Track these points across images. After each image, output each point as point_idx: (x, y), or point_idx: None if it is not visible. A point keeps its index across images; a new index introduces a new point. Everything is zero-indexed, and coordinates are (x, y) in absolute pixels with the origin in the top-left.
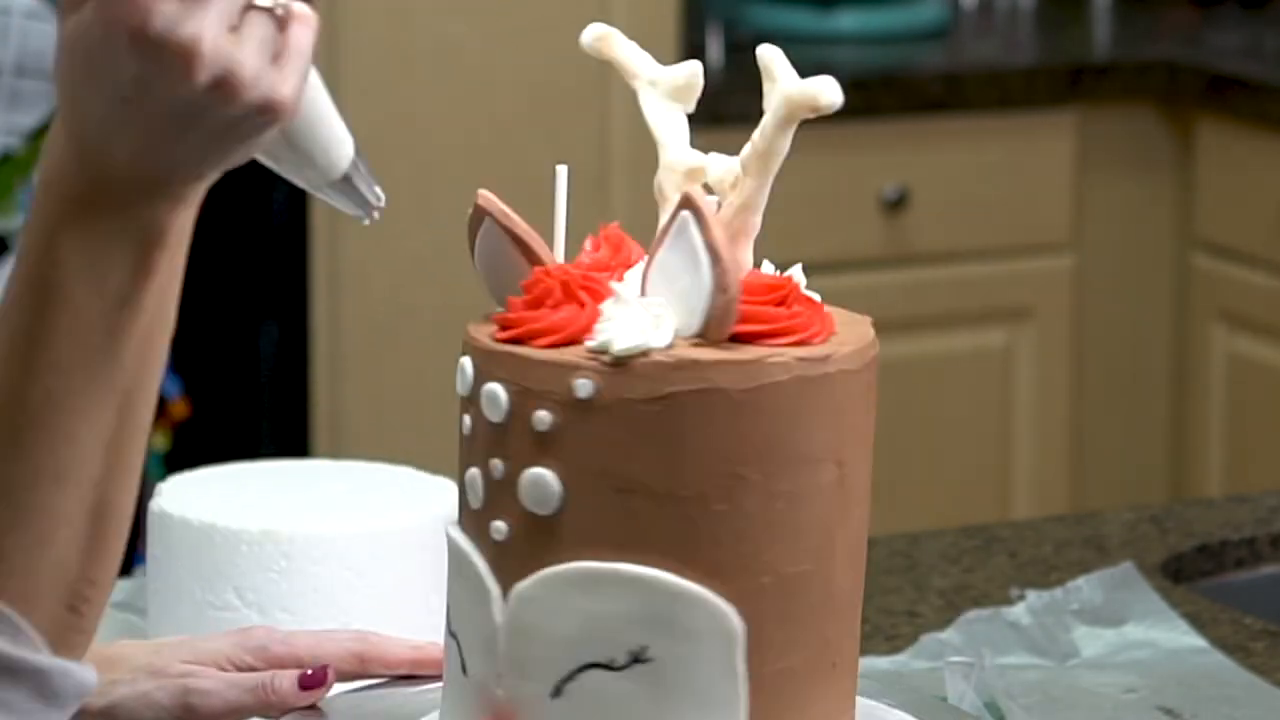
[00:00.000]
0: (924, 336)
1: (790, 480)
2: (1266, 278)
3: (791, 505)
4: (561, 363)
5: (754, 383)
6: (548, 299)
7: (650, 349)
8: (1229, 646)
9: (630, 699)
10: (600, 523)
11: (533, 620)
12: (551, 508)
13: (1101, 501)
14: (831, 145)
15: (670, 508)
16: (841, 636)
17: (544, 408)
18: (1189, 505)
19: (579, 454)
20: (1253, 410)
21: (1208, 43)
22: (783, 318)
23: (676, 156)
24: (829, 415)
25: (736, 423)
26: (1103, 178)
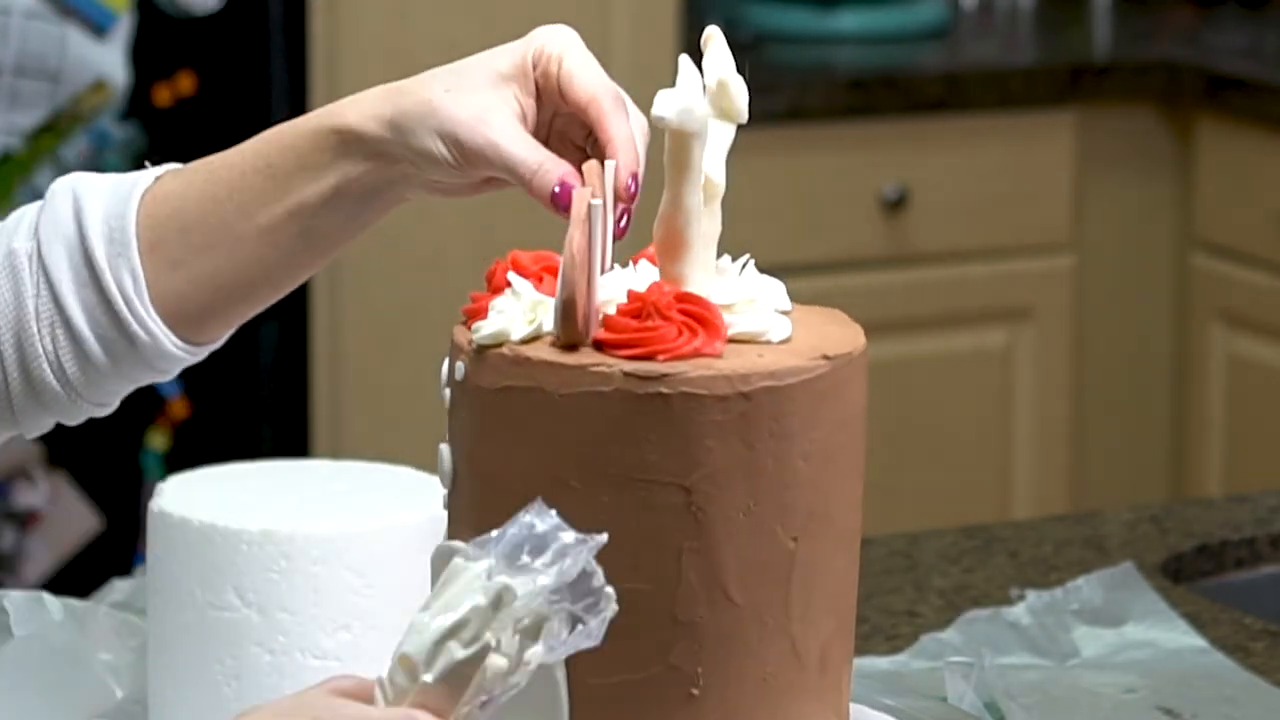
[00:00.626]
0: (924, 336)
1: (614, 495)
2: (1266, 278)
3: (619, 520)
4: (457, 344)
5: (575, 389)
6: (491, 281)
7: (506, 340)
8: (1229, 646)
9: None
10: (467, 504)
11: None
12: (448, 484)
13: (1101, 501)
14: (831, 145)
15: (505, 499)
16: (702, 666)
17: (449, 385)
18: (1189, 505)
19: (457, 434)
20: (1253, 410)
21: (1208, 43)
22: (632, 329)
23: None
24: (667, 438)
25: (558, 426)
26: (1103, 178)
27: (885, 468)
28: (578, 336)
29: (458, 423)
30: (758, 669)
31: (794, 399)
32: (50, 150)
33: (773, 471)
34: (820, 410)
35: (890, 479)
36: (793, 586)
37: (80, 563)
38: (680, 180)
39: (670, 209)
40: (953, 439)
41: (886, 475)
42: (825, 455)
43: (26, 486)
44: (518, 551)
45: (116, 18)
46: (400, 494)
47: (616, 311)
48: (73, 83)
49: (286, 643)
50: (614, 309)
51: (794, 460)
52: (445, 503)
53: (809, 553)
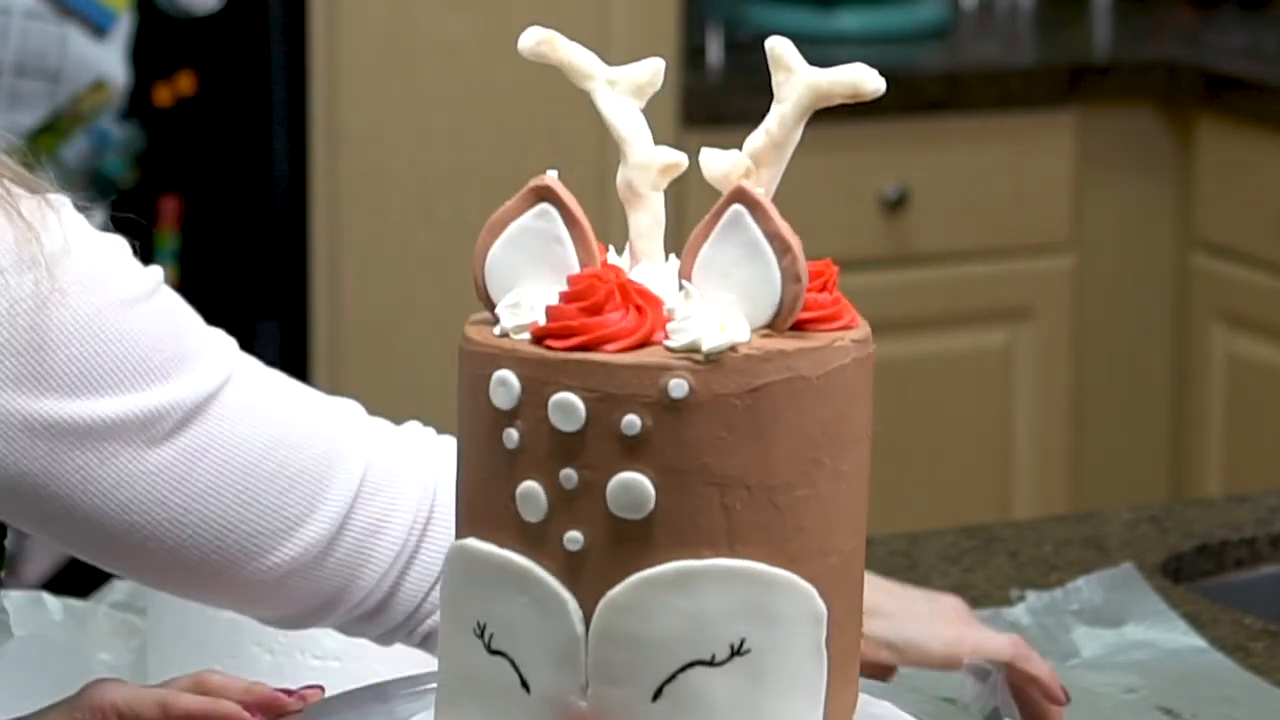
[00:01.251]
0: (924, 336)
1: (848, 460)
2: (1266, 278)
3: (849, 485)
4: (649, 365)
5: (827, 368)
6: (609, 302)
7: (736, 344)
8: (1229, 646)
9: (729, 692)
10: (694, 521)
11: (628, 626)
12: (644, 511)
13: (1101, 501)
14: (831, 145)
15: (760, 498)
16: (864, 611)
17: (632, 412)
18: (1189, 505)
19: (671, 454)
20: (1253, 410)
21: (1207, 43)
22: (829, 304)
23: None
24: (870, 395)
25: (814, 408)
26: (1103, 178)
27: (885, 468)
28: (790, 322)
29: (665, 445)
30: None
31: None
32: (50, 150)
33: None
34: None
35: (890, 479)
36: (870, 546)
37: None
38: (782, 161)
39: (772, 189)
40: (953, 439)
41: (886, 475)
42: None
43: None
44: None
45: (116, 17)
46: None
47: None
48: (73, 82)
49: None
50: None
51: None
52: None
53: (870, 514)
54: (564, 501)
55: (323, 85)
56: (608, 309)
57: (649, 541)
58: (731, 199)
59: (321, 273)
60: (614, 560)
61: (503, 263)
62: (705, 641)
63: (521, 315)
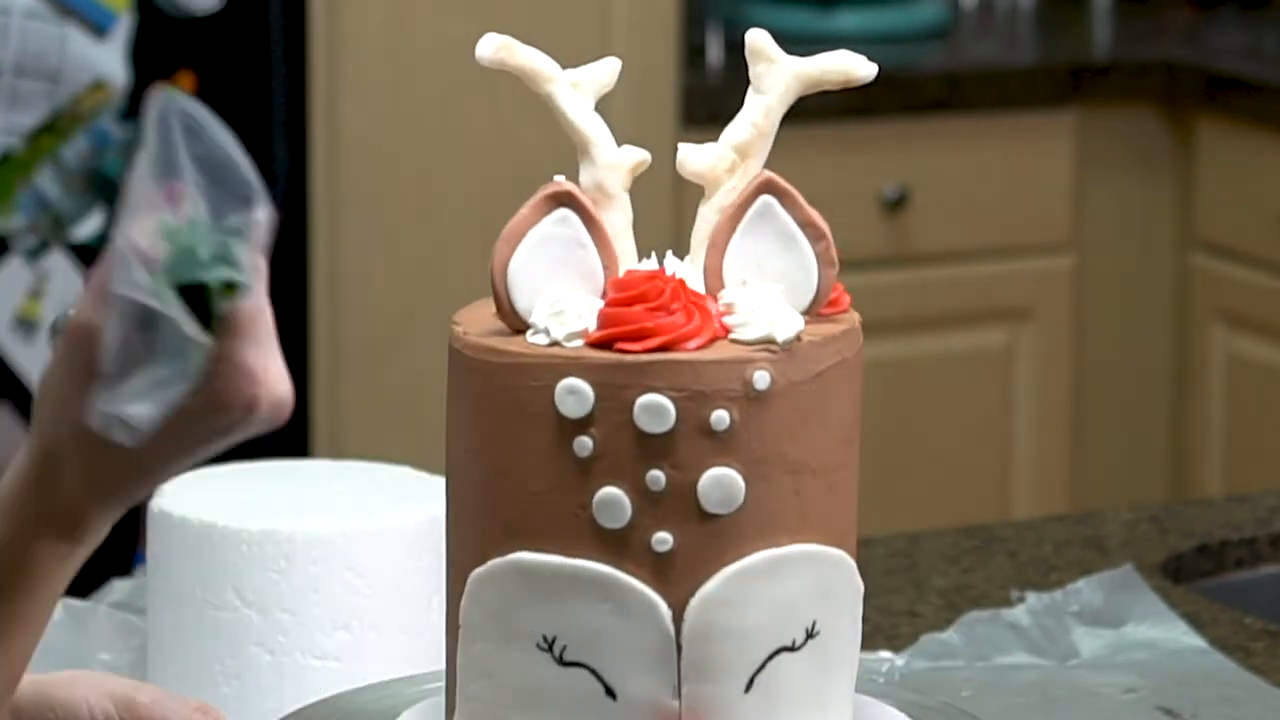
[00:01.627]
0: (924, 336)
1: (860, 440)
2: (1266, 278)
3: (858, 463)
4: (734, 359)
5: (858, 348)
6: (675, 301)
7: (800, 333)
8: (1229, 647)
9: (806, 676)
10: (775, 510)
11: (722, 620)
12: (735, 505)
13: (1101, 501)
14: (831, 145)
15: (821, 481)
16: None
17: (720, 407)
18: (1189, 505)
19: (756, 446)
20: (1253, 410)
21: (1207, 43)
22: (838, 288)
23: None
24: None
25: (855, 389)
26: (1103, 178)
27: (885, 467)
28: (822, 306)
29: (752, 437)
30: None
31: None
32: (50, 150)
33: None
34: None
35: (890, 479)
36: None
37: None
38: (765, 152)
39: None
40: (953, 439)
41: (886, 475)
42: None
43: None
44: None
45: (116, 17)
46: (400, 494)
47: None
48: (73, 82)
49: (286, 643)
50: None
51: None
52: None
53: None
54: (649, 504)
55: (322, 86)
56: (674, 308)
57: (739, 534)
58: (760, 189)
59: (321, 272)
60: (704, 557)
61: (526, 272)
62: (788, 627)
63: (570, 323)
